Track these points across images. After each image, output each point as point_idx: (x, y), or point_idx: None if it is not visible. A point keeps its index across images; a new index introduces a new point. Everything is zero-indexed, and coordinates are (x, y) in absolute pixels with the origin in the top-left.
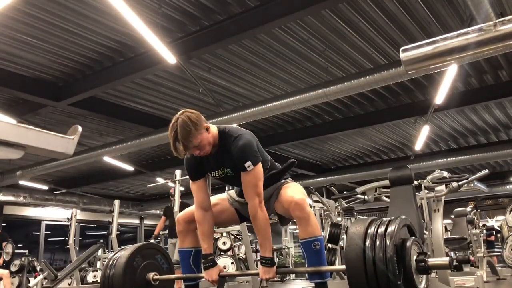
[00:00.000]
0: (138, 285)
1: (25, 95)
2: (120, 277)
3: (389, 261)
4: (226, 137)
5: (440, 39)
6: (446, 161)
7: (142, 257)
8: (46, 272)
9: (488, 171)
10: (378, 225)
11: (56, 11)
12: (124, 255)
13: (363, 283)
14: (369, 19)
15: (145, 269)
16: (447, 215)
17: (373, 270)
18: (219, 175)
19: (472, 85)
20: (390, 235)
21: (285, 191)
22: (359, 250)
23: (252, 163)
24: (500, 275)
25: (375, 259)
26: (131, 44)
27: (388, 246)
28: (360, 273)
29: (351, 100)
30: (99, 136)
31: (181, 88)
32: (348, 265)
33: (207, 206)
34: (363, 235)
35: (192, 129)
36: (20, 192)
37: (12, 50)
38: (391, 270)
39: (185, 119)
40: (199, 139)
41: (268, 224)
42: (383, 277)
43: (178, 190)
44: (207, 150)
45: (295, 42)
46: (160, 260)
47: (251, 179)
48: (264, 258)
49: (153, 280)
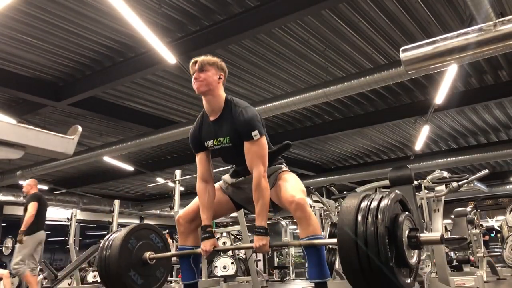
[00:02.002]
0: (134, 265)
1: (25, 95)
2: (116, 258)
3: (380, 236)
4: (231, 106)
5: (440, 39)
6: (446, 161)
7: (136, 238)
8: (46, 272)
9: (488, 171)
10: (371, 200)
11: (56, 11)
12: (118, 236)
13: (354, 258)
14: (369, 19)
15: (140, 249)
16: (447, 215)
17: (364, 244)
18: (214, 146)
19: (472, 85)
20: (382, 210)
21: (284, 185)
22: (351, 225)
23: (259, 133)
24: (500, 275)
25: (366, 234)
26: (131, 44)
27: (379, 221)
28: (351, 248)
29: (351, 100)
30: (99, 136)
31: (181, 88)
32: (339, 239)
33: (208, 178)
34: (355, 210)
35: (215, 62)
36: (20, 192)
37: (12, 50)
38: (382, 245)
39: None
40: (212, 72)
41: (268, 195)
42: (374, 252)
43: (178, 190)
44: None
45: (295, 42)
46: (155, 239)
47: (257, 149)
48: (259, 227)
49: (150, 259)
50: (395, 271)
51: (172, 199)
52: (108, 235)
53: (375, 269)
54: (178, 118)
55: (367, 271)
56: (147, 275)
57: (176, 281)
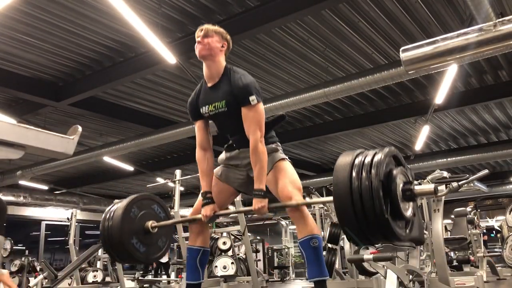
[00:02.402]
0: (137, 233)
1: (25, 95)
2: (118, 227)
3: (375, 190)
4: (230, 73)
5: (440, 39)
6: (446, 161)
7: (139, 207)
8: (46, 272)
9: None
10: (365, 156)
11: (56, 11)
12: (120, 206)
13: (350, 213)
14: (369, 19)
15: (143, 218)
16: (447, 215)
17: (359, 199)
18: (209, 112)
19: (472, 85)
20: (376, 165)
21: (282, 180)
22: (346, 181)
23: (256, 99)
24: (500, 275)
25: (361, 189)
26: (131, 44)
27: (374, 175)
28: (347, 203)
29: (351, 100)
30: (99, 136)
31: (181, 88)
32: (335, 195)
33: (206, 146)
34: (350, 165)
35: (221, 32)
36: (20, 192)
37: (12, 50)
38: (377, 199)
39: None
40: (216, 39)
41: (266, 159)
42: (370, 206)
43: (178, 190)
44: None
45: (295, 42)
46: (157, 209)
47: (254, 115)
48: (258, 190)
49: (152, 228)
50: (390, 224)
51: (172, 199)
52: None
53: (371, 223)
54: (178, 118)
55: (364, 225)
56: (149, 244)
57: (176, 281)
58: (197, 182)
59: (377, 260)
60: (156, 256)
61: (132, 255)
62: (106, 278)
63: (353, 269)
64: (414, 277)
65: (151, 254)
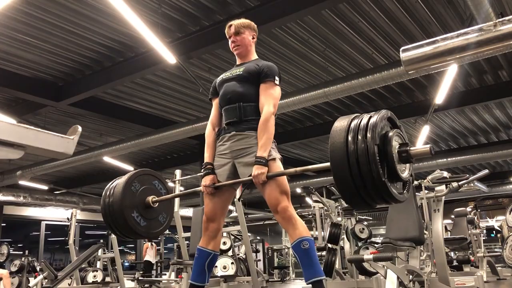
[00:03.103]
0: (138, 207)
1: (25, 95)
2: (119, 200)
3: (371, 153)
4: (261, 59)
5: (440, 39)
6: (446, 161)
7: (140, 182)
8: (46, 272)
9: (488, 171)
10: (360, 120)
11: (56, 11)
12: (121, 181)
13: (347, 176)
14: (369, 19)
15: (144, 192)
16: (447, 215)
17: (356, 163)
18: (223, 77)
19: (472, 85)
20: (371, 127)
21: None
22: (342, 144)
23: (278, 81)
24: (500, 275)
25: (357, 152)
26: (131, 44)
27: (369, 139)
28: (344, 167)
29: (351, 100)
30: (99, 136)
31: (181, 88)
32: (332, 161)
33: (216, 123)
34: (345, 129)
35: (249, 24)
36: (20, 192)
37: (12, 50)
38: (373, 162)
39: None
40: (246, 32)
41: (273, 131)
42: (367, 170)
43: (178, 190)
44: (240, 48)
45: (295, 42)
46: (158, 185)
47: (274, 90)
48: (260, 157)
49: (152, 203)
50: (388, 186)
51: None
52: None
53: (368, 185)
54: (178, 118)
55: (361, 188)
56: (150, 218)
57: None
58: (197, 182)
59: (377, 260)
60: (157, 230)
61: (133, 229)
62: (106, 278)
63: (353, 269)
64: (414, 277)
65: (152, 228)
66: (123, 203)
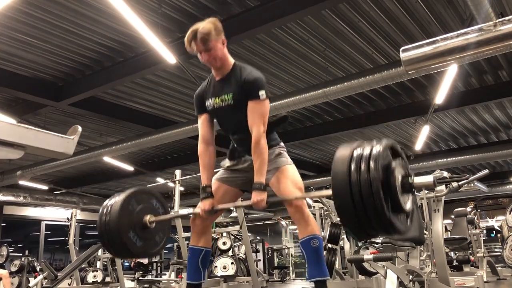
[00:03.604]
0: (134, 227)
1: (25, 95)
2: (116, 220)
3: (374, 185)
4: (239, 69)
5: (440, 39)
6: (446, 161)
7: (137, 201)
8: (46, 272)
9: (488, 171)
10: (363, 148)
11: (56, 11)
12: (118, 199)
13: (349, 206)
14: (369, 19)
15: (141, 212)
16: (447, 215)
17: (359, 194)
18: (214, 105)
19: (472, 85)
20: (375, 157)
21: (285, 182)
22: (345, 173)
23: (265, 94)
24: (500, 275)
25: (360, 181)
26: (131, 44)
27: (373, 169)
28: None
29: (351, 100)
30: (99, 136)
31: (181, 88)
32: (334, 189)
33: (209, 140)
34: (348, 158)
35: (212, 32)
36: (20, 192)
37: (12, 50)
38: (377, 194)
39: (209, 23)
40: (214, 43)
41: (267, 153)
42: (370, 202)
43: (178, 190)
44: (215, 62)
45: (295, 42)
46: (156, 204)
47: (261, 108)
48: (258, 183)
49: (149, 222)
50: (391, 219)
51: (172, 199)
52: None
53: (372, 220)
54: (178, 118)
55: (365, 222)
56: (147, 238)
57: (176, 281)
58: (197, 182)
59: (377, 260)
60: (153, 251)
61: (129, 249)
62: (106, 278)
63: (353, 269)
64: (414, 277)
65: (148, 248)
66: (120, 223)
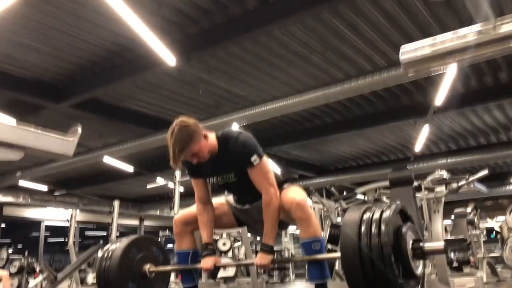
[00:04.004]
0: (134, 277)
1: (25, 96)
2: (116, 269)
3: (385, 250)
4: (225, 140)
5: (439, 42)
6: (445, 162)
7: (137, 249)
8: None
9: (487, 171)
10: (373, 212)
11: (56, 14)
12: (119, 247)
13: (358, 270)
14: (369, 21)
15: (141, 261)
16: (447, 216)
17: (368, 257)
18: (218, 183)
19: (472, 86)
20: (385, 222)
21: (285, 193)
22: (355, 237)
23: (257, 157)
24: (500, 277)
25: (370, 246)
26: (131, 46)
27: (383, 233)
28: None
29: (351, 102)
30: (99, 138)
31: (181, 90)
32: (343, 252)
33: (205, 200)
34: (358, 222)
35: (189, 138)
36: (20, 193)
37: (12, 52)
38: (388, 260)
39: (182, 129)
40: (197, 147)
41: (278, 215)
42: (379, 264)
43: (178, 191)
44: (205, 157)
45: (294, 44)
46: (156, 252)
47: (260, 172)
48: (265, 245)
49: (149, 272)
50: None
51: (172, 200)
52: (108, 245)
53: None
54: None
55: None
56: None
57: (175, 282)
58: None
59: None
60: None
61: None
62: None
63: None
64: None
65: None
66: (119, 273)
